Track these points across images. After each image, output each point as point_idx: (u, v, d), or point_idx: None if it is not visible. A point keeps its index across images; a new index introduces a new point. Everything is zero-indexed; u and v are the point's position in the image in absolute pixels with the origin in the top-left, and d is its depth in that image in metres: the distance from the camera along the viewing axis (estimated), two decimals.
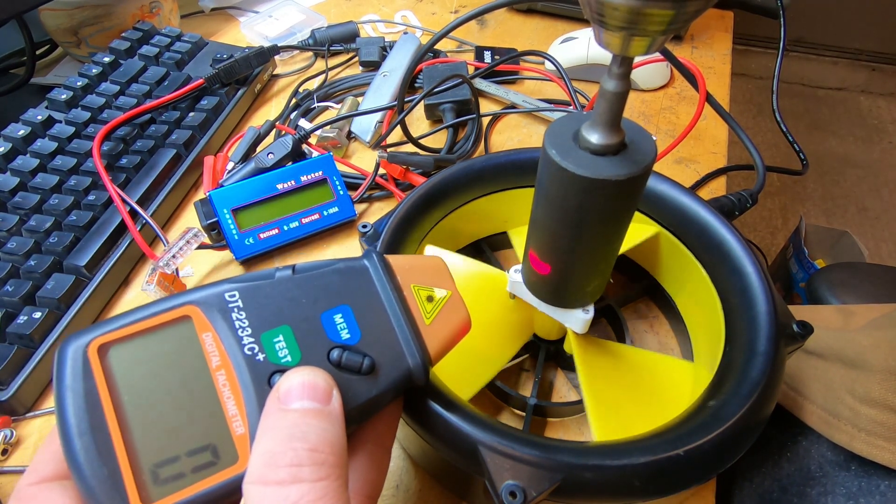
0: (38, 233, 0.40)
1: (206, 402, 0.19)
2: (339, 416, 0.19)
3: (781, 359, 0.27)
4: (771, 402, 0.26)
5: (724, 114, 0.44)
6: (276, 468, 0.17)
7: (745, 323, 0.29)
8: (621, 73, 0.20)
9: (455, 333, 0.23)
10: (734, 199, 0.41)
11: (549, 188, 0.24)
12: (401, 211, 0.34)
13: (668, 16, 0.17)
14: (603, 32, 0.19)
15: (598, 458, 0.23)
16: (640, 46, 0.19)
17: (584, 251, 0.26)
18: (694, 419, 0.25)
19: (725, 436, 0.24)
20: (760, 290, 0.29)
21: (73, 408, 0.18)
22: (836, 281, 0.79)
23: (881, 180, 1.63)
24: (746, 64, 1.94)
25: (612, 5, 0.17)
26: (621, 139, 0.22)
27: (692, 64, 0.47)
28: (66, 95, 0.49)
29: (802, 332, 0.29)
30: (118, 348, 0.19)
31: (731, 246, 0.31)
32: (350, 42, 0.63)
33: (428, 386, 0.24)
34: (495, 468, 0.23)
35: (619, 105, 0.21)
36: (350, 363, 0.20)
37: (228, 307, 0.20)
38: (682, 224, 0.34)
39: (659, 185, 0.35)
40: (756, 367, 0.27)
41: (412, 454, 0.32)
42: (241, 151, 0.47)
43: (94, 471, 0.17)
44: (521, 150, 0.37)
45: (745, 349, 0.28)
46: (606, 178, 0.21)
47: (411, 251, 0.34)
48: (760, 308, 0.29)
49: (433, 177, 0.36)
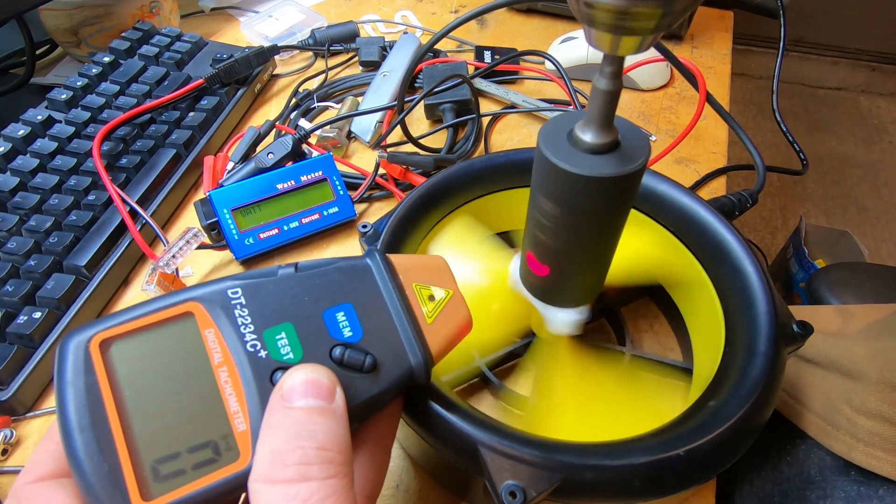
0: (38, 233, 0.40)
1: (207, 398, 0.19)
2: (343, 414, 0.19)
3: (781, 359, 0.27)
4: (771, 402, 0.26)
5: (725, 114, 0.44)
6: (283, 466, 0.17)
7: (744, 323, 0.29)
8: (612, 72, 0.20)
9: (456, 333, 0.23)
10: (734, 199, 0.41)
11: (544, 187, 0.24)
12: (400, 211, 0.34)
13: (657, 14, 0.17)
14: (593, 32, 0.19)
15: (598, 458, 0.23)
16: (631, 45, 0.19)
17: (580, 250, 0.26)
18: (694, 419, 0.25)
19: (725, 436, 0.24)
20: (760, 290, 0.29)
21: (74, 403, 0.18)
22: (836, 281, 0.79)
23: (881, 180, 1.63)
24: (746, 64, 1.94)
25: (599, 5, 0.17)
26: (614, 137, 0.22)
27: (692, 64, 0.47)
28: (66, 95, 0.49)
29: (802, 332, 0.29)
30: (120, 344, 0.19)
31: (731, 246, 0.31)
32: (350, 42, 0.63)
33: (428, 385, 0.24)
34: (495, 468, 0.23)
35: (611, 104, 0.21)
36: (352, 361, 0.21)
37: (231, 304, 0.20)
38: (682, 224, 0.34)
39: (659, 186, 0.34)
40: (756, 367, 0.26)
41: (412, 454, 0.32)
42: (241, 151, 0.47)
43: (94, 467, 0.17)
44: (521, 150, 0.37)
45: (744, 349, 0.28)
46: (600, 176, 0.22)
47: (411, 251, 0.34)
48: (760, 308, 0.29)
49: (433, 177, 0.36)
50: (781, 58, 0.53)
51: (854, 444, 0.32)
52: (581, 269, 0.27)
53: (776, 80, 0.52)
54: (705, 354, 0.33)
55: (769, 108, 0.52)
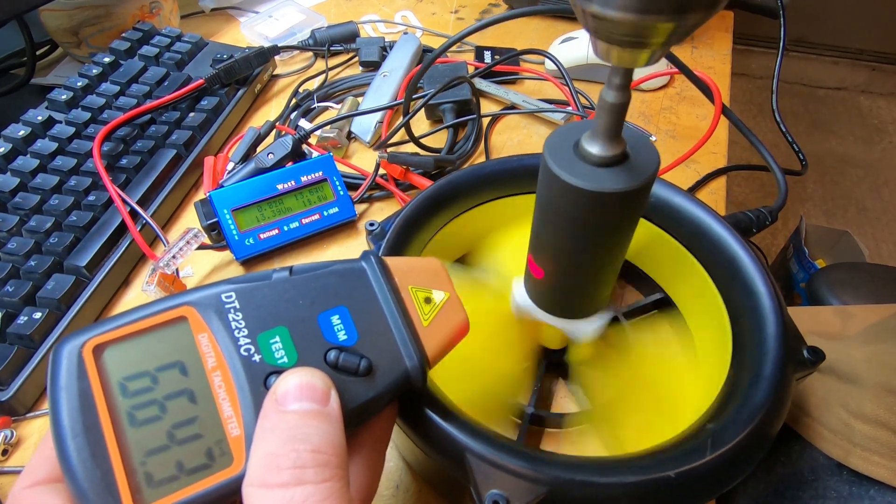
0: (39, 233, 0.40)
1: (201, 403, 0.19)
2: (338, 417, 0.19)
3: (788, 385, 0.26)
4: (773, 429, 0.25)
5: (743, 127, 0.44)
6: (278, 470, 0.17)
7: (752, 344, 0.28)
8: (621, 84, 0.20)
9: (453, 335, 0.23)
10: (752, 216, 0.39)
11: (549, 199, 0.23)
12: (408, 211, 0.33)
13: (669, 28, 0.16)
14: (599, 44, 0.18)
15: (586, 474, 0.22)
16: (640, 58, 0.18)
17: (586, 262, 0.25)
18: (690, 441, 0.24)
19: (720, 461, 0.23)
20: (771, 312, 0.28)
21: (67, 409, 0.18)
22: (836, 281, 0.79)
23: (881, 180, 1.63)
24: (746, 64, 1.94)
25: (606, 18, 0.16)
26: (622, 150, 0.22)
27: (707, 76, 0.45)
28: (66, 96, 0.49)
29: (813, 359, 0.27)
30: (113, 349, 0.19)
31: (744, 263, 0.30)
32: (350, 42, 0.63)
33: (421, 390, 0.24)
34: (481, 476, 0.22)
35: (619, 116, 0.20)
36: (347, 364, 0.20)
37: (225, 308, 0.20)
38: (695, 238, 0.33)
39: (674, 198, 0.33)
40: (760, 391, 0.25)
41: (405, 456, 0.32)
42: (241, 152, 0.47)
43: (87, 473, 0.17)
44: (535, 156, 0.36)
45: (750, 372, 0.27)
46: (607, 191, 0.21)
47: (416, 251, 0.33)
48: (770, 330, 0.27)
49: (443, 178, 0.35)
50: (781, 58, 0.53)
51: (851, 448, 0.32)
52: (586, 279, 0.27)
53: (776, 80, 0.52)
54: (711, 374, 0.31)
55: (769, 108, 0.52)
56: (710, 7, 0.16)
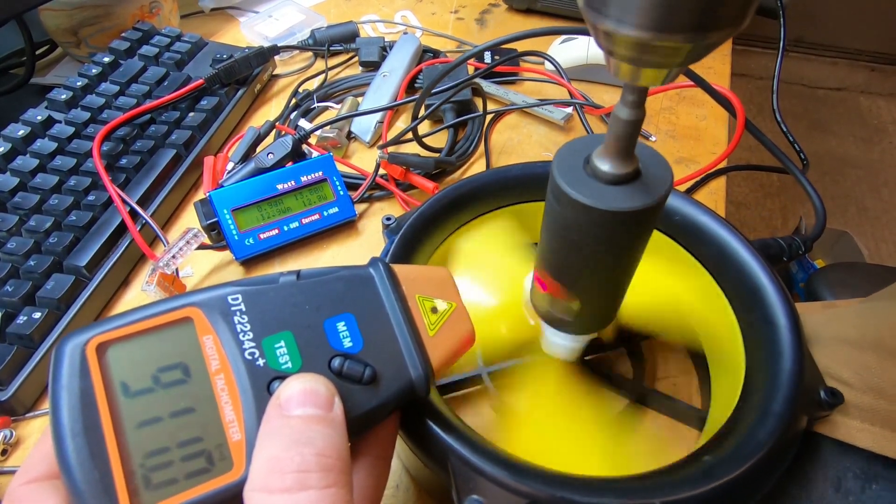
0: (38, 233, 0.40)
1: (203, 406, 0.19)
2: (341, 424, 0.19)
3: (797, 425, 0.25)
4: (775, 470, 0.24)
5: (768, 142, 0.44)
6: (281, 475, 0.17)
7: (765, 378, 0.26)
8: (635, 101, 0.19)
9: (459, 346, 0.23)
10: (783, 244, 0.37)
11: (558, 215, 0.22)
12: (425, 208, 0.33)
13: (685, 49, 0.15)
14: (612, 61, 0.17)
15: (567, 491, 0.22)
16: (655, 77, 0.17)
17: (592, 279, 0.24)
18: (682, 470, 0.23)
19: (710, 496, 0.22)
20: (789, 346, 0.26)
21: (68, 407, 0.18)
22: (835, 281, 0.79)
23: (881, 180, 1.63)
24: (746, 64, 1.94)
25: (619, 37, 0.15)
26: (635, 167, 0.21)
27: (729, 91, 0.43)
28: (65, 95, 0.49)
29: (831, 401, 0.25)
30: (117, 348, 0.19)
31: (767, 292, 0.29)
32: (350, 42, 0.63)
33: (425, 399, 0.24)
34: (462, 480, 0.22)
35: (632, 134, 0.20)
36: (351, 372, 0.20)
37: (231, 310, 0.20)
38: (718, 261, 0.32)
39: (700, 217, 0.32)
40: (765, 428, 0.24)
41: (400, 457, 0.32)
42: (241, 152, 0.47)
43: (84, 473, 0.17)
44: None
45: (758, 407, 0.25)
46: (618, 210, 0.20)
47: (431, 250, 0.33)
48: (784, 365, 0.26)
49: (465, 179, 0.35)
50: (781, 58, 0.53)
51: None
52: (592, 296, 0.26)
53: (776, 81, 0.52)
54: (720, 404, 0.30)
55: (769, 109, 0.52)
56: (732, 26, 0.15)
